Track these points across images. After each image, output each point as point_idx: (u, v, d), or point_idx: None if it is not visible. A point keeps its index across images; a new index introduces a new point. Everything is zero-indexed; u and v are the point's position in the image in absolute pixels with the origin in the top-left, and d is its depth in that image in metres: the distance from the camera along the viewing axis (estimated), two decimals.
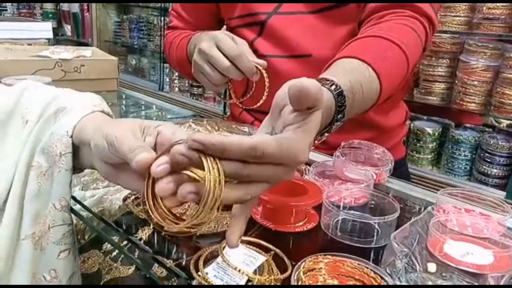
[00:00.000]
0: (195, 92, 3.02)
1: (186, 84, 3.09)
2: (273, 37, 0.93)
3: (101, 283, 0.86)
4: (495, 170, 1.74)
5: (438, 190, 0.71)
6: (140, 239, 0.59)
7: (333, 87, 0.53)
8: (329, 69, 0.63)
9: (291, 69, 0.92)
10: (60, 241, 0.54)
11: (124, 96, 1.58)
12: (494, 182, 1.75)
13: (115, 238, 0.64)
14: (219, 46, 0.77)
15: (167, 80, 3.21)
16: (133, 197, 0.65)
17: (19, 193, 0.53)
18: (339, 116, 0.54)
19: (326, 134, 0.54)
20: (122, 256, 0.74)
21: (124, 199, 0.65)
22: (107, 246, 0.78)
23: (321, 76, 0.57)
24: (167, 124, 0.48)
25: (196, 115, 1.27)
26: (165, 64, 3.17)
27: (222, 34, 0.79)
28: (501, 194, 1.69)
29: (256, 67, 0.76)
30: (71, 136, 0.51)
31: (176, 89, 3.16)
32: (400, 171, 0.96)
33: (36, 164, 0.53)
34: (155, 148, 0.46)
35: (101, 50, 1.69)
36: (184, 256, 0.54)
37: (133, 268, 0.73)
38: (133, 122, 0.48)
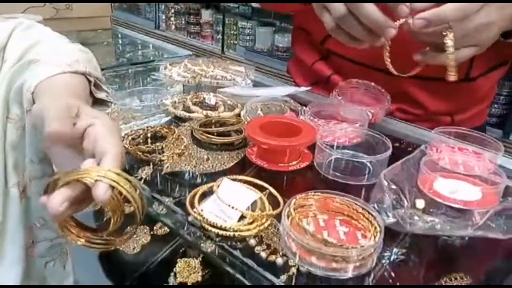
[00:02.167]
0: (192, 30, 2.93)
1: (183, 22, 2.99)
2: None
3: (104, 219, 0.90)
4: (494, 109, 1.74)
5: None
6: (140, 179, 0.60)
7: None
8: None
9: None
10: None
11: (120, 35, 1.54)
12: (493, 121, 1.76)
13: None
14: None
15: (163, 17, 3.11)
16: (130, 137, 0.66)
17: (2, 143, 0.54)
18: None
19: None
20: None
21: (121, 140, 0.65)
22: None
23: None
24: (103, 120, 0.45)
25: (192, 55, 1.24)
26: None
27: None
28: (499, 133, 1.70)
29: None
30: (33, 93, 0.49)
31: (173, 27, 3.07)
32: None
33: (14, 116, 0.53)
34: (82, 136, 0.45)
35: None
36: (182, 194, 0.56)
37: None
38: (74, 100, 0.46)
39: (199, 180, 0.62)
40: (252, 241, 0.48)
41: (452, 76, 0.62)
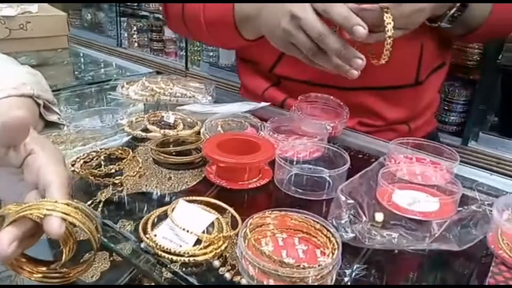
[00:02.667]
0: (155, 47, 2.91)
1: (146, 39, 2.96)
2: None
3: (61, 247, 0.86)
4: (452, 118, 1.79)
5: None
6: (99, 202, 0.58)
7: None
8: None
9: None
10: None
11: (81, 54, 1.51)
12: (451, 129, 1.81)
13: None
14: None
15: (126, 35, 3.08)
16: (82, 161, 0.63)
17: None
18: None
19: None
20: None
21: (73, 164, 0.63)
22: None
23: None
24: (45, 148, 0.44)
25: (153, 72, 1.22)
26: (122, 18, 3.03)
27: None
28: (458, 140, 1.75)
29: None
30: None
31: (136, 44, 3.04)
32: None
33: None
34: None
35: (51, 5, 1.58)
36: (141, 218, 0.54)
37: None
38: None
39: (162, 200, 0.60)
40: (216, 262, 0.46)
41: (383, 59, 0.64)
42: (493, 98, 1.70)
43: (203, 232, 0.48)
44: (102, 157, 0.66)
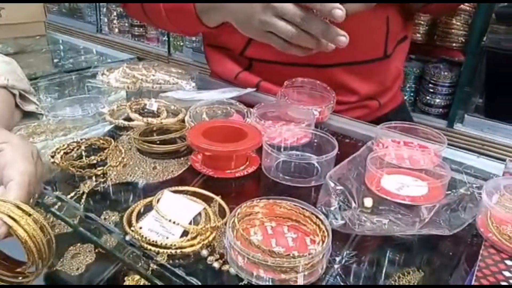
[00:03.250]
0: (137, 33, 2.83)
1: (126, 24, 2.89)
2: None
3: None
4: (438, 100, 1.80)
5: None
6: (82, 193, 0.56)
7: None
8: None
9: None
10: None
11: (60, 41, 1.46)
12: (437, 111, 1.81)
13: (49, 198, 0.60)
14: None
15: (106, 20, 3.00)
16: (62, 152, 0.61)
17: None
18: None
19: None
20: (66, 208, 0.71)
21: (52, 155, 0.60)
22: (48, 199, 0.75)
23: None
24: (13, 144, 0.43)
25: (134, 58, 1.19)
26: (101, 4, 2.94)
27: None
28: (443, 123, 1.76)
29: None
30: None
31: (116, 30, 2.95)
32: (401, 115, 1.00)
33: None
34: None
35: None
36: (125, 209, 0.52)
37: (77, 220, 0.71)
38: None
39: (147, 189, 0.58)
40: (204, 252, 0.45)
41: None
42: (478, 80, 1.70)
43: (190, 223, 0.46)
44: (83, 148, 0.63)
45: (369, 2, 0.68)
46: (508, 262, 0.43)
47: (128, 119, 0.74)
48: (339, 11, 0.59)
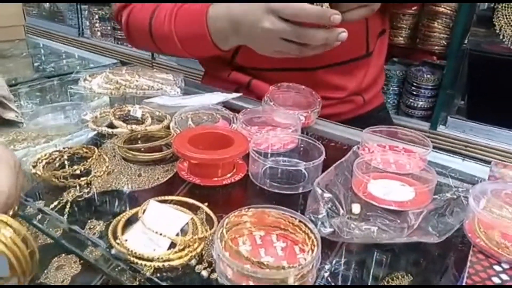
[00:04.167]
0: (119, 36, 2.80)
1: (109, 28, 2.85)
2: None
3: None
4: (421, 103, 1.82)
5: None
6: (66, 202, 0.54)
7: None
8: None
9: None
10: None
11: (41, 45, 1.43)
12: (420, 114, 1.83)
13: (30, 209, 0.58)
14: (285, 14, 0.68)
15: (87, 24, 2.95)
16: (44, 161, 0.59)
17: None
18: None
19: None
20: (48, 219, 0.69)
21: (34, 165, 0.59)
22: (30, 210, 0.73)
23: None
24: None
25: (117, 63, 1.17)
26: (83, 6, 2.90)
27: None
28: (426, 125, 1.78)
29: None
30: None
31: (98, 33, 2.91)
32: (382, 114, 1.09)
33: None
34: None
35: None
36: (109, 219, 0.51)
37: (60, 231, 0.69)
38: None
39: (133, 197, 0.57)
40: (193, 261, 0.44)
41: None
42: (460, 82, 1.73)
43: (177, 234, 0.45)
44: (65, 157, 0.62)
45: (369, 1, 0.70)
46: (497, 268, 0.44)
47: (112, 126, 0.73)
48: (337, 16, 0.64)
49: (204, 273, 0.43)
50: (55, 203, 0.54)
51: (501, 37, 1.47)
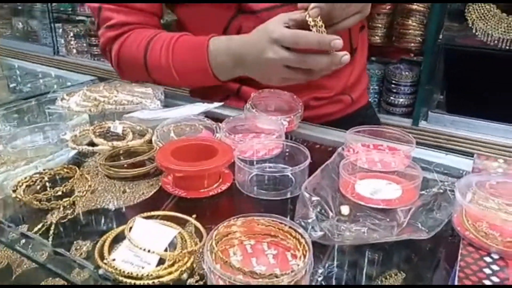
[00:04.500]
0: (96, 52, 2.77)
1: (85, 44, 2.82)
2: None
3: (13, 278, 0.79)
4: (401, 100, 1.84)
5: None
6: (50, 224, 0.53)
7: None
8: None
9: None
10: None
11: (16, 66, 1.41)
12: (401, 111, 1.86)
13: (11, 235, 0.56)
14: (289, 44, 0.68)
15: (62, 42, 2.92)
16: (24, 185, 0.58)
17: None
18: None
19: None
20: (32, 244, 0.67)
21: (14, 190, 0.57)
22: (12, 236, 0.71)
23: None
24: None
25: (95, 79, 1.16)
26: (57, 24, 2.86)
27: (275, 29, 0.69)
28: (408, 121, 1.80)
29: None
30: None
31: (74, 51, 2.88)
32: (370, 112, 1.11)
33: None
34: None
35: None
36: (95, 239, 0.50)
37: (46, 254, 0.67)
38: None
39: (119, 214, 0.56)
40: (184, 275, 0.43)
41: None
42: (437, 77, 1.76)
43: (166, 249, 0.45)
44: (46, 179, 0.60)
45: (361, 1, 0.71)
46: (487, 259, 0.44)
47: (93, 144, 0.71)
48: (338, 41, 0.64)
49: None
50: (39, 226, 0.53)
51: (473, 30, 1.50)
